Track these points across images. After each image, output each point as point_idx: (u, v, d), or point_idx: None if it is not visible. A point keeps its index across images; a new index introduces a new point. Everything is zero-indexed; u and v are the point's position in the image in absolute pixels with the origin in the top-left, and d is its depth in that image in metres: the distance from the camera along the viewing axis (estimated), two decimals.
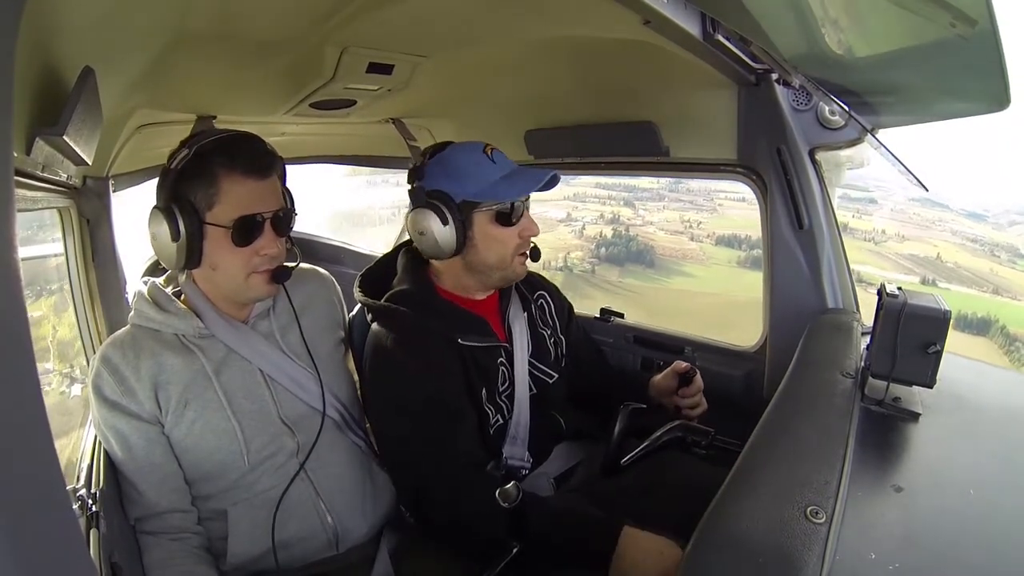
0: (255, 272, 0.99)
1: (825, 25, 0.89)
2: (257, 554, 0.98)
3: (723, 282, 26.56)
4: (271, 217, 0.97)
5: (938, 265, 25.09)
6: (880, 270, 27.49)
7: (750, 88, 1.34)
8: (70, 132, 0.67)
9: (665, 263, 28.75)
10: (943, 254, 26.11)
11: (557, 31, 1.14)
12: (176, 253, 0.94)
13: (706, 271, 27.99)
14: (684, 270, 28.51)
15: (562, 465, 1.26)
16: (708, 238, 28.26)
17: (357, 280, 1.23)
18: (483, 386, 1.13)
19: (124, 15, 0.77)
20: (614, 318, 1.82)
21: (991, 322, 22.44)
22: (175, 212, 0.93)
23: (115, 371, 0.95)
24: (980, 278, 24.83)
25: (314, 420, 1.05)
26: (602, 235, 29.73)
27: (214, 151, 0.94)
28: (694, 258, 28.49)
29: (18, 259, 0.35)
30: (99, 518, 0.81)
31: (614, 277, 27.70)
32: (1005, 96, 0.92)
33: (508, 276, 1.17)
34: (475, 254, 1.12)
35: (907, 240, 27.68)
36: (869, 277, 27.63)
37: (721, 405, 1.27)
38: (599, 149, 1.72)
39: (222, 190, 0.93)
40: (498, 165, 1.11)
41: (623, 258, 28.29)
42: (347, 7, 0.95)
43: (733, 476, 0.74)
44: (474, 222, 1.10)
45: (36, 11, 0.53)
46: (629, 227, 29.87)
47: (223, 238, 0.95)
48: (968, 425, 0.94)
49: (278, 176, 1.01)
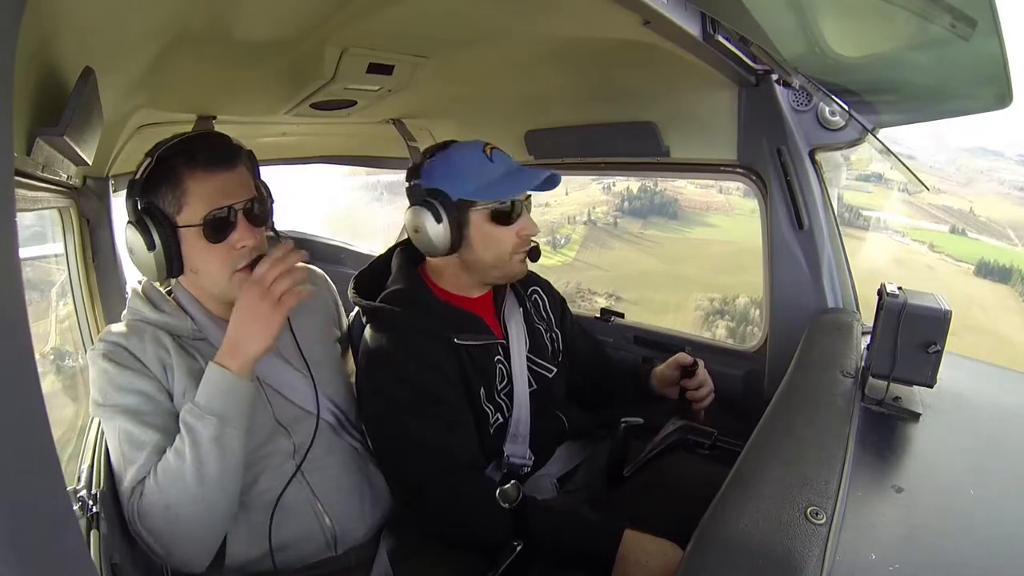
0: (238, 271, 0.97)
1: (825, 25, 0.89)
2: (255, 556, 0.98)
3: (743, 231, 26.97)
4: (242, 208, 0.96)
5: (969, 217, 25.03)
6: (908, 219, 27.37)
7: (750, 88, 1.34)
8: (70, 132, 0.67)
9: (688, 215, 29.29)
10: (976, 208, 26.01)
11: (557, 31, 1.14)
12: (155, 264, 0.93)
13: (729, 220, 28.39)
14: (707, 220, 29.04)
15: (565, 466, 1.26)
16: (737, 190, 28.66)
17: (352, 282, 1.22)
18: (481, 385, 1.12)
19: (124, 15, 0.77)
20: (614, 318, 1.82)
21: (1013, 271, 22.39)
22: (146, 222, 0.91)
23: (122, 347, 0.94)
24: (1014, 228, 24.73)
25: (309, 422, 1.05)
26: (628, 190, 30.03)
27: (174, 154, 0.93)
28: (719, 209, 28.96)
29: (18, 259, 0.35)
30: (99, 519, 0.81)
31: (636, 229, 28.18)
32: (1008, 93, 0.92)
33: (506, 274, 1.17)
34: (472, 252, 1.12)
35: (942, 192, 27.59)
36: (896, 225, 27.14)
37: (721, 405, 1.27)
38: (599, 149, 1.72)
39: (188, 190, 0.92)
40: (496, 164, 1.11)
41: (646, 211, 28.92)
42: (347, 7, 0.95)
43: (733, 476, 0.74)
44: (471, 220, 1.10)
45: (36, 12, 0.53)
46: (659, 181, 30.32)
47: (198, 239, 0.93)
48: (968, 425, 0.94)
49: (246, 168, 1.00)
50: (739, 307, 29.29)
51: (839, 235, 1.41)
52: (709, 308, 30.06)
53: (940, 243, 32.20)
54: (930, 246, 32.82)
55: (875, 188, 9.04)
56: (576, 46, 1.22)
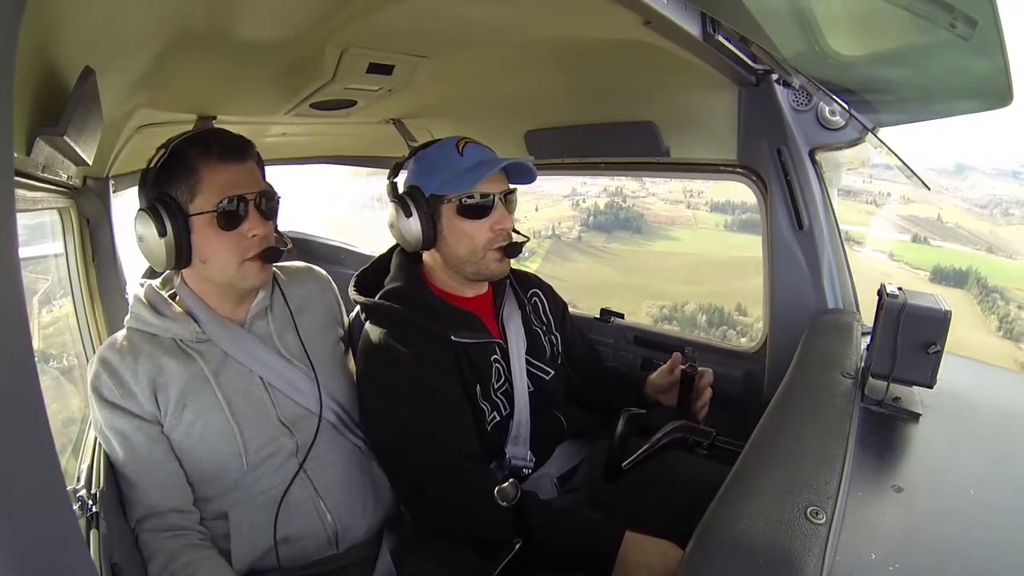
0: (247, 260, 0.99)
1: (825, 25, 0.89)
2: (259, 553, 0.99)
3: (704, 244, 28.19)
4: (254, 199, 0.98)
5: (935, 224, 25.60)
6: (869, 229, 28.12)
7: (750, 88, 1.34)
8: (70, 132, 0.67)
9: (653, 229, 30.68)
10: (944, 215, 26.68)
11: (557, 31, 1.14)
12: (165, 251, 0.95)
13: (691, 234, 29.61)
14: (670, 234, 30.41)
15: (564, 465, 1.26)
16: (705, 205, 29.61)
17: (353, 280, 1.23)
18: (476, 383, 1.13)
19: (124, 15, 0.77)
20: (614, 318, 1.82)
21: (970, 275, 22.78)
22: (159, 209, 0.93)
23: (113, 373, 0.95)
24: (977, 237, 25.34)
25: (312, 421, 1.06)
26: (595, 206, 31.08)
27: (189, 145, 0.96)
28: (683, 223, 30.27)
29: (18, 259, 0.35)
30: (99, 519, 0.81)
31: (599, 243, 29.21)
32: (1008, 92, 0.92)
33: (481, 271, 1.15)
34: (446, 247, 1.14)
35: (911, 202, 28.19)
36: (858, 236, 28.16)
37: (721, 405, 1.27)
38: (599, 149, 1.72)
39: (201, 179, 0.95)
40: (465, 157, 1.11)
41: (611, 225, 30.15)
42: (347, 7, 0.95)
43: (733, 476, 0.74)
44: (442, 215, 1.12)
45: (37, 11, 0.53)
46: (627, 198, 31.84)
47: (209, 226, 0.95)
48: (968, 425, 0.94)
49: (256, 163, 1.03)
50: (687, 313, 31.05)
51: (839, 235, 1.41)
52: (658, 315, 31.89)
53: (900, 252, 32.99)
54: (889, 255, 33.51)
55: (842, 200, 9.29)
56: (576, 46, 1.22)
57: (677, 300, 31.42)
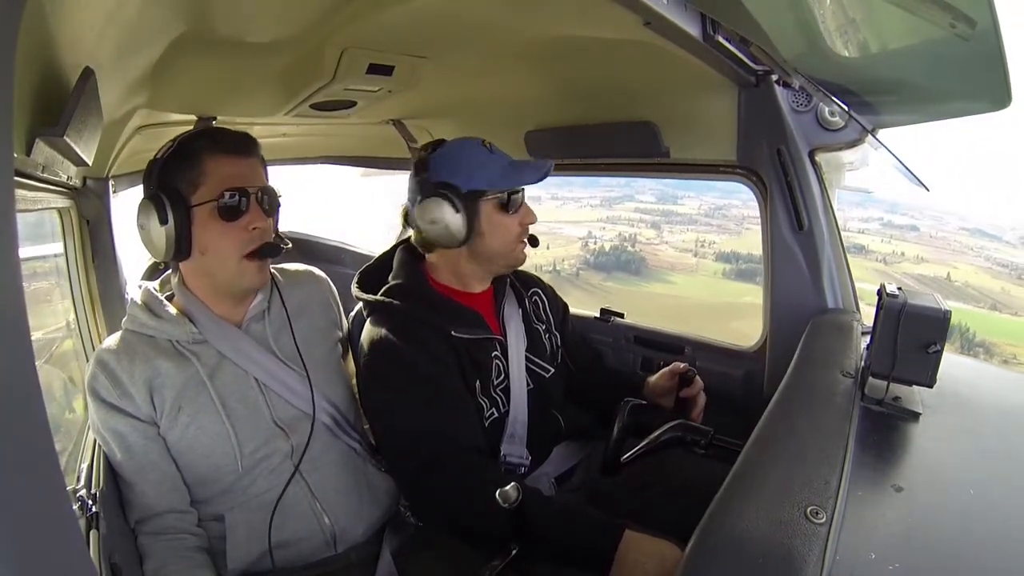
0: (246, 257, 1.00)
1: (825, 25, 0.89)
2: (256, 556, 0.99)
3: (697, 288, 29.08)
4: (256, 193, 0.99)
5: (942, 283, 25.76)
6: (869, 285, 29.10)
7: (750, 89, 1.34)
8: (70, 133, 0.67)
9: (653, 272, 31.66)
10: (954, 274, 26.92)
11: (557, 32, 1.14)
12: (165, 240, 0.95)
13: (688, 279, 30.52)
14: (667, 278, 31.41)
15: (562, 465, 1.26)
16: (712, 255, 30.25)
17: (356, 277, 1.24)
18: (476, 379, 1.14)
19: (124, 16, 0.77)
20: (614, 318, 1.82)
21: (956, 330, 22.97)
22: (162, 198, 0.94)
23: (111, 374, 0.96)
24: (983, 295, 25.56)
25: (307, 423, 1.06)
26: (602, 248, 31.82)
27: (196, 138, 0.99)
28: (683, 269, 31.11)
29: (18, 259, 0.35)
30: (99, 519, 0.81)
31: (596, 280, 30.10)
32: (1006, 95, 0.92)
33: (511, 262, 1.22)
34: (481, 242, 1.16)
35: (924, 262, 28.52)
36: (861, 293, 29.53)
37: (721, 405, 1.27)
38: (599, 150, 1.72)
39: (206, 171, 0.96)
40: (497, 156, 1.16)
41: (611, 266, 31.15)
42: (347, 8, 0.95)
43: (733, 476, 0.74)
44: (480, 211, 1.14)
45: (36, 12, 0.53)
46: (638, 243, 32.94)
47: (211, 217, 0.96)
48: (968, 425, 0.93)
49: (259, 161, 1.04)
50: None
51: (839, 235, 1.41)
52: None
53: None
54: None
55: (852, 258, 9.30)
56: (576, 46, 1.22)
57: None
